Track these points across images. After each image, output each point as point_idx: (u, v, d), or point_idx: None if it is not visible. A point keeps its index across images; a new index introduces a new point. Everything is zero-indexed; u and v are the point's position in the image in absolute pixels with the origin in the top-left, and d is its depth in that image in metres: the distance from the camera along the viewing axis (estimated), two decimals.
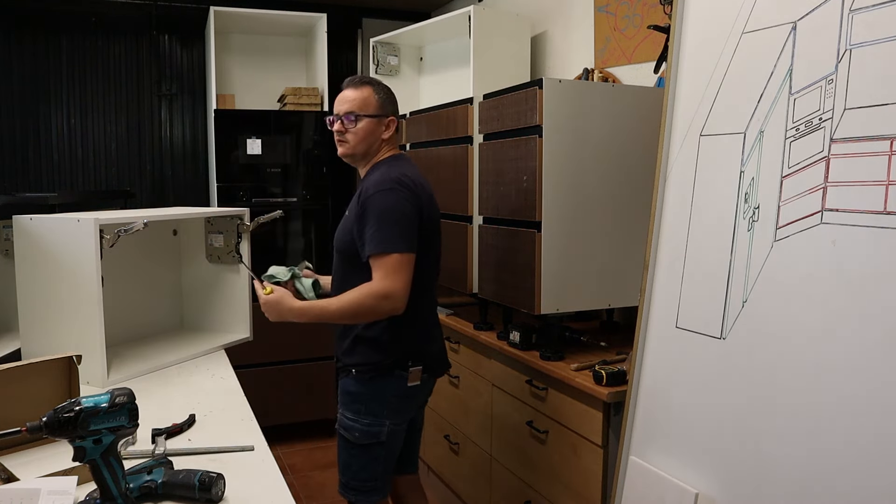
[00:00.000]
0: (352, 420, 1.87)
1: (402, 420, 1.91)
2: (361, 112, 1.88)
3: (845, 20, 1.28)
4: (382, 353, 1.84)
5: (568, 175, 2.15)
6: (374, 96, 1.90)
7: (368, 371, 1.85)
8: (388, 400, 1.85)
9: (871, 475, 1.18)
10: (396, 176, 1.81)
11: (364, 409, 1.85)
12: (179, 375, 1.97)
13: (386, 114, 1.92)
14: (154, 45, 3.93)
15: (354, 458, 1.88)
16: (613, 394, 1.87)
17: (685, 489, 1.53)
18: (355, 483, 1.89)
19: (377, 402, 1.85)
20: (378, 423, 1.85)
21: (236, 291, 2.36)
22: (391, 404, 1.86)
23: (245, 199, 3.56)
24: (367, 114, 1.88)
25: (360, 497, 1.89)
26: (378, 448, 1.87)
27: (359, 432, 1.85)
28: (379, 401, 1.85)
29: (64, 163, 3.80)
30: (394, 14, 4.26)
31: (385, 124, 1.92)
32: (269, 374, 3.55)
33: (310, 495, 3.08)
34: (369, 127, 1.89)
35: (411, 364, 1.86)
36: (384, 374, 1.85)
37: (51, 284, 1.84)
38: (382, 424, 1.85)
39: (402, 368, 1.85)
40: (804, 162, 1.34)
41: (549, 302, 2.15)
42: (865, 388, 1.20)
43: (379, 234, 1.75)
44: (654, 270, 1.71)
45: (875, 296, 1.20)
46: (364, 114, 1.88)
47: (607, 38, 2.84)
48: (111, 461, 1.08)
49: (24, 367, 1.42)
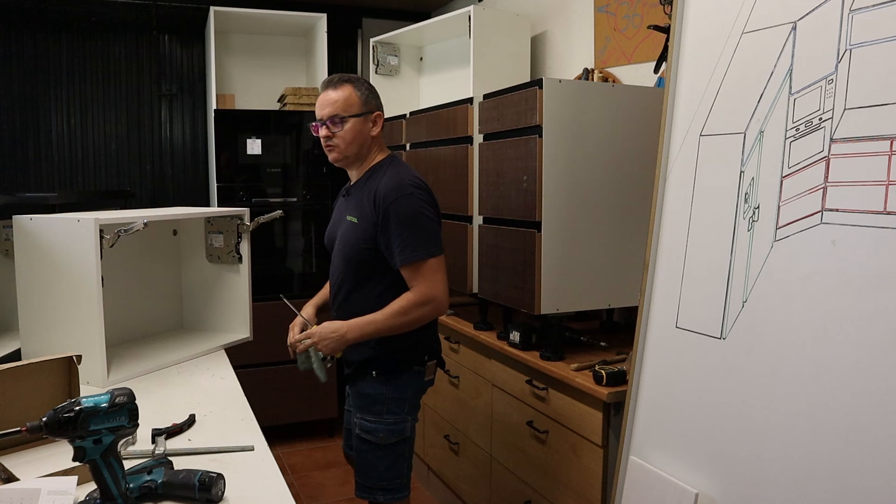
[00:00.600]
0: (373, 422, 1.85)
1: (417, 414, 1.93)
2: (346, 113, 1.83)
3: (845, 20, 1.28)
4: (404, 352, 1.86)
5: (568, 175, 2.15)
6: (355, 94, 1.84)
7: (389, 371, 1.85)
8: (408, 397, 1.87)
9: (871, 475, 1.18)
10: (411, 179, 1.81)
11: (385, 409, 1.85)
12: (179, 375, 1.97)
13: (371, 110, 1.87)
14: (154, 45, 3.93)
15: (380, 459, 1.86)
16: (613, 394, 1.87)
17: (685, 489, 1.53)
18: (383, 483, 1.87)
19: (398, 401, 1.86)
20: (401, 421, 1.86)
21: (236, 291, 2.36)
22: (411, 400, 1.88)
23: (245, 199, 3.56)
24: (352, 114, 1.83)
25: (389, 496, 1.88)
26: (403, 445, 1.88)
27: (383, 433, 1.85)
28: (400, 399, 1.86)
29: (64, 163, 3.80)
30: (394, 14, 4.26)
31: (372, 120, 1.87)
32: (269, 374, 3.55)
33: (310, 495, 3.08)
34: (356, 127, 1.84)
35: (427, 359, 1.89)
36: (403, 372, 1.86)
37: (51, 284, 1.84)
38: (405, 421, 1.87)
39: (420, 364, 1.88)
40: (804, 162, 1.34)
41: (549, 302, 2.15)
42: (865, 388, 1.20)
43: (413, 240, 1.75)
44: (654, 270, 1.71)
45: (875, 296, 1.20)
46: (349, 114, 1.83)
47: (607, 38, 2.84)
48: (111, 461, 1.08)
49: (24, 367, 1.42)
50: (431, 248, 1.77)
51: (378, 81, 3.77)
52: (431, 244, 1.77)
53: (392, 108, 3.58)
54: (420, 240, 1.75)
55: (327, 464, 3.40)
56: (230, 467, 1.34)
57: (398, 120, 3.27)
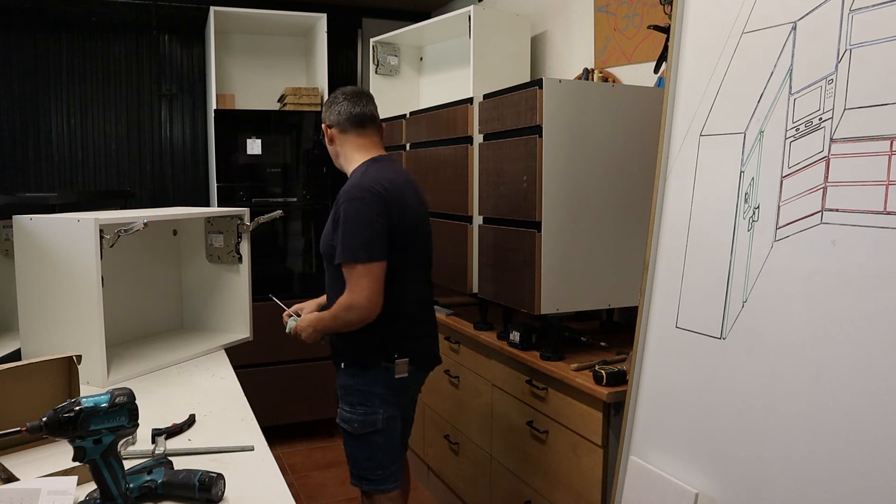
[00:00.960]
0: (349, 412, 1.94)
1: (395, 410, 1.96)
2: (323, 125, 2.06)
3: (845, 20, 1.28)
4: (366, 348, 1.92)
5: (568, 175, 2.15)
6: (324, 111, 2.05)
7: (356, 365, 1.94)
8: (378, 391, 1.93)
9: (871, 475, 1.18)
10: (366, 183, 1.86)
11: (356, 400, 1.93)
12: (179, 375, 1.97)
13: (327, 124, 2.03)
14: (154, 45, 3.94)
15: (357, 449, 1.96)
16: (613, 394, 1.87)
17: (685, 489, 1.53)
18: (365, 473, 1.96)
19: (368, 394, 1.93)
20: (372, 413, 1.92)
21: (236, 291, 2.36)
22: (382, 395, 1.93)
23: (245, 199, 3.56)
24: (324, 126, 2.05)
25: (372, 486, 1.96)
26: (376, 436, 1.93)
27: (357, 423, 1.93)
28: (369, 392, 1.93)
29: (64, 163, 3.80)
30: (394, 14, 4.26)
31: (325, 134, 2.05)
32: (269, 374, 3.55)
33: (310, 495, 3.08)
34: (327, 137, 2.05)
35: (397, 356, 1.92)
36: (372, 367, 1.92)
37: (51, 284, 1.84)
38: (376, 413, 1.92)
39: (389, 360, 1.92)
40: (804, 162, 1.34)
41: (549, 302, 2.15)
42: (865, 388, 1.20)
43: (344, 244, 1.82)
44: (654, 270, 1.71)
45: (875, 296, 1.20)
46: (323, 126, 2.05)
47: (607, 38, 2.84)
48: (111, 461, 1.08)
49: (24, 367, 1.42)
50: (359, 254, 1.80)
51: (378, 81, 3.77)
52: (360, 250, 1.80)
53: (392, 108, 3.58)
54: (351, 244, 1.81)
55: (327, 464, 3.40)
56: (230, 467, 1.34)
57: (398, 120, 3.27)
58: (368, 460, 1.95)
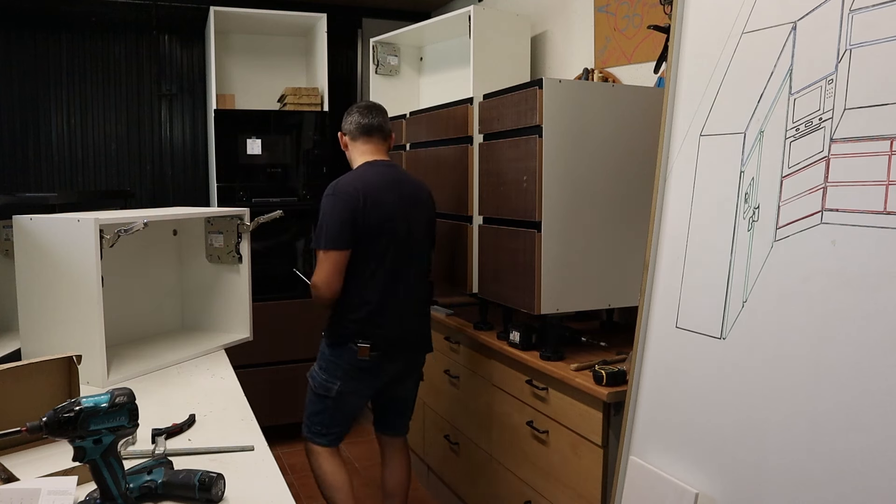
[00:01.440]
0: (316, 372, 2.28)
1: (354, 386, 2.23)
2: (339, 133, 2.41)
3: (845, 20, 1.28)
4: (332, 327, 2.25)
5: (568, 175, 2.15)
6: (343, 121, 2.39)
7: (332, 337, 2.25)
8: (341, 365, 2.21)
9: (871, 476, 1.18)
10: (343, 183, 2.18)
11: (323, 366, 2.26)
12: (179, 375, 1.97)
13: (342, 132, 2.38)
14: (154, 45, 3.94)
15: (311, 403, 2.31)
16: (613, 394, 1.87)
17: (685, 489, 1.53)
18: (308, 423, 2.30)
19: (333, 364, 2.23)
20: (331, 381, 2.23)
21: (236, 291, 2.36)
22: (344, 370, 2.21)
23: (245, 199, 3.56)
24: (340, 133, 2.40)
25: (311, 437, 2.30)
26: (327, 401, 2.24)
27: (316, 382, 2.27)
28: (335, 364, 2.23)
29: (64, 163, 3.80)
30: (394, 14, 4.26)
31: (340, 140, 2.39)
32: (269, 374, 3.55)
33: (310, 495, 3.08)
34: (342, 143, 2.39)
35: (360, 341, 2.18)
36: (341, 344, 2.21)
37: (51, 284, 1.84)
38: (333, 383, 2.22)
39: (354, 343, 2.19)
40: (804, 162, 1.34)
41: (549, 302, 2.15)
42: (865, 388, 1.20)
43: (315, 232, 2.20)
44: (654, 270, 1.71)
45: (875, 296, 1.20)
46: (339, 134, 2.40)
47: (607, 38, 2.84)
48: (111, 461, 1.08)
49: (24, 367, 1.42)
50: (320, 242, 2.15)
51: (378, 81, 3.77)
52: (322, 239, 2.14)
53: (392, 108, 3.56)
54: (319, 234, 2.17)
55: None
56: (230, 467, 1.34)
57: (398, 120, 3.27)
58: (316, 415, 2.28)
